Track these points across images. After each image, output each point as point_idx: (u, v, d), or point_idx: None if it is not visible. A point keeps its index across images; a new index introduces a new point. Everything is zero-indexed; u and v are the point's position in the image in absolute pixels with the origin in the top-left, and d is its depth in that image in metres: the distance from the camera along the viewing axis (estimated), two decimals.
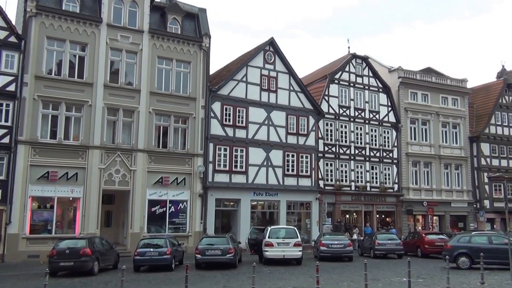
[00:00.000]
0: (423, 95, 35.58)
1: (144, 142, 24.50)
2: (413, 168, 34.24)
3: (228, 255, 18.29)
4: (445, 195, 35.10)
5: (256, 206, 28.39)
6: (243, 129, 27.61)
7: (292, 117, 29.34)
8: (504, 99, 38.39)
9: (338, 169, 31.17)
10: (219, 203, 26.71)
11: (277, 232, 20.65)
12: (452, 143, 36.17)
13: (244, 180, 27.29)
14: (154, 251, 17.74)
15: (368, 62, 33.79)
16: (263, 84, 28.58)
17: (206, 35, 27.03)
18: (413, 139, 34.63)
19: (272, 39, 29.25)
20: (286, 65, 29.51)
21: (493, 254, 17.73)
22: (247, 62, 28.32)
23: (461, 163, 36.14)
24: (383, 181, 32.70)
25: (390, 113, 33.68)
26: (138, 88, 24.73)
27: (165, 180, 24.85)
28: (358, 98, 32.73)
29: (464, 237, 20.13)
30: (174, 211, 25.17)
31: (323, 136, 30.78)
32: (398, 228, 32.05)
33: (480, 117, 37.92)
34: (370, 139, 32.72)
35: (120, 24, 24.74)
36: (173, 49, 26.08)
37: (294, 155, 29.10)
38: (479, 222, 35.59)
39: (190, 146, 25.88)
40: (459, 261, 18.67)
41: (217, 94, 26.94)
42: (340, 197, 30.91)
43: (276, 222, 27.59)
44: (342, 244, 22.27)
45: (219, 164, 26.69)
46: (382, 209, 33.05)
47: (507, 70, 46.98)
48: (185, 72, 26.44)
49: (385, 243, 23.99)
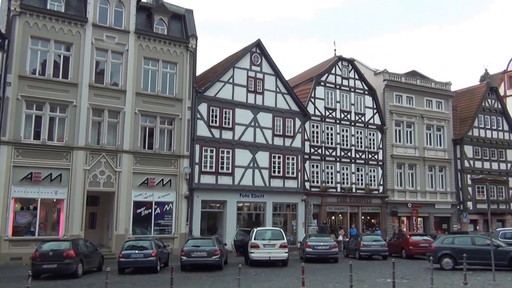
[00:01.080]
0: (408, 98, 35.93)
1: (130, 143, 24.32)
2: (398, 170, 34.55)
3: (214, 256, 18.25)
4: (429, 197, 35.48)
5: (242, 207, 28.37)
6: (229, 131, 27.58)
7: (279, 119, 29.41)
8: (487, 102, 38.96)
9: (324, 170, 31.31)
10: (205, 204, 26.63)
11: (263, 234, 20.68)
12: (436, 145, 36.58)
13: (230, 182, 27.26)
14: (139, 253, 17.62)
15: (354, 65, 34.03)
16: (249, 86, 28.59)
17: (192, 36, 26.96)
18: (398, 141, 34.94)
19: (259, 41, 29.29)
20: (272, 67, 29.57)
21: (476, 255, 17.96)
22: (233, 63, 28.31)
23: (445, 165, 36.58)
24: (368, 182, 32.94)
25: (375, 115, 33.95)
26: (123, 88, 24.56)
27: (151, 182, 24.70)
28: (344, 100, 32.93)
29: (448, 239, 20.41)
30: (159, 213, 25.02)
31: (309, 138, 30.90)
32: (383, 230, 32.30)
33: (464, 120, 38.42)
34: (355, 141, 32.94)
35: (106, 24, 24.54)
36: (159, 50, 25.96)
37: (281, 156, 29.16)
38: (462, 224, 36.04)
39: (176, 147, 25.76)
40: (443, 262, 18.89)
41: (203, 95, 26.87)
42: (326, 198, 31.05)
43: (262, 224, 27.60)
44: (327, 246, 22.38)
45: (205, 166, 26.62)
46: (367, 210, 33.28)
47: (490, 74, 47.86)
48: (171, 73, 26.33)
49: (370, 245, 24.16)
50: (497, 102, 39.72)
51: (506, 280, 15.32)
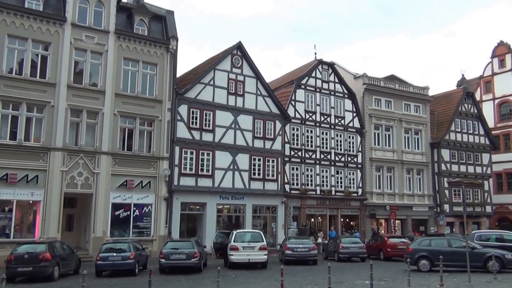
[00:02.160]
0: (386, 101, 36.38)
1: (109, 144, 24.04)
2: (376, 173, 34.94)
3: (193, 259, 18.17)
4: (407, 200, 35.96)
5: (222, 210, 28.30)
6: (209, 133, 27.51)
7: (259, 121, 29.45)
8: (463, 107, 39.71)
9: (304, 173, 31.47)
10: (185, 206, 26.49)
11: (243, 236, 20.67)
12: (414, 148, 37.12)
13: (210, 184, 27.18)
14: (117, 256, 17.43)
15: (334, 69, 34.31)
16: (230, 88, 28.58)
17: (173, 38, 26.83)
18: (377, 145, 35.35)
19: (240, 43, 29.30)
20: (253, 70, 29.62)
21: (452, 257, 18.27)
22: (214, 65, 28.26)
23: (423, 168, 37.13)
24: (347, 185, 33.22)
25: (355, 118, 34.28)
26: (103, 89, 24.27)
27: (130, 183, 24.45)
28: (324, 103, 33.17)
29: (425, 241, 20.73)
30: (138, 215, 24.78)
31: (289, 140, 31.03)
32: (361, 232, 32.60)
33: (441, 124, 39.08)
34: (335, 144, 33.20)
35: (85, 24, 24.23)
36: (139, 51, 25.75)
37: (261, 159, 29.20)
38: (439, 226, 36.63)
39: (156, 149, 25.57)
40: (420, 263, 19.18)
41: (184, 97, 26.75)
42: (306, 201, 31.20)
43: (242, 226, 27.58)
44: (307, 248, 22.49)
45: (185, 168, 26.48)
46: (347, 213, 33.55)
47: (466, 79, 48.85)
48: (151, 74, 26.14)
49: (349, 247, 24.36)
50: (473, 106, 40.52)
51: (481, 282, 15.62)
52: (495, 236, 22.54)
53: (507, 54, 45.29)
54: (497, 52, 46.19)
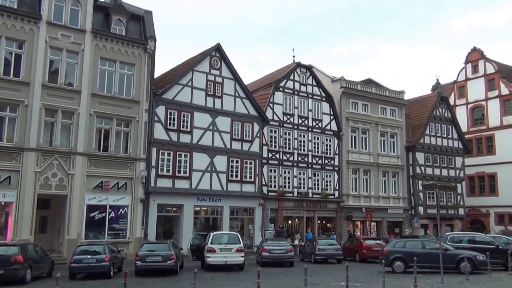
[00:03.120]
0: (363, 105, 36.83)
1: (84, 145, 23.68)
2: (353, 175, 35.30)
3: (169, 261, 18.05)
4: (383, 202, 36.44)
5: (199, 211, 28.17)
6: (187, 134, 27.37)
7: (237, 123, 29.45)
8: (437, 111, 40.48)
9: (282, 175, 31.58)
10: (162, 208, 26.28)
11: (220, 238, 20.64)
12: (390, 151, 37.66)
13: (187, 186, 27.03)
14: (91, 258, 17.17)
15: (312, 72, 34.56)
16: (208, 90, 28.50)
17: (151, 38, 26.61)
18: (354, 147, 35.73)
19: (219, 44, 29.26)
20: (232, 71, 29.61)
21: (425, 259, 18.60)
22: (192, 66, 28.15)
23: (398, 171, 37.69)
24: (324, 187, 33.47)
25: (332, 121, 34.59)
26: (78, 89, 23.90)
27: (105, 185, 24.13)
28: (302, 106, 33.38)
29: (399, 242, 21.06)
30: (114, 217, 24.46)
31: (267, 142, 31.11)
32: (338, 234, 32.89)
33: (416, 127, 39.74)
34: (312, 146, 33.43)
35: (61, 22, 23.84)
36: (116, 51, 25.46)
37: (239, 161, 29.19)
38: (413, 228, 37.22)
39: (133, 150, 25.31)
40: (394, 265, 19.47)
41: (161, 98, 26.56)
42: (283, 203, 31.31)
43: (219, 228, 27.52)
44: (283, 250, 22.58)
45: (162, 169, 26.28)
46: (323, 215, 33.80)
47: (441, 84, 49.89)
48: (128, 74, 25.87)
49: (325, 249, 24.56)
50: (447, 111, 41.36)
51: (454, 283, 15.95)
52: (467, 238, 23.02)
53: (479, 60, 46.41)
54: (470, 58, 47.29)
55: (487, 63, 45.88)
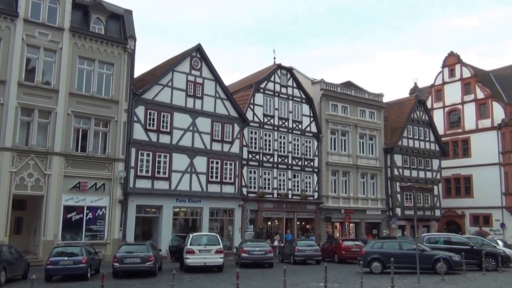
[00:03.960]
0: (343, 107, 37.15)
1: (61, 145, 23.30)
2: (332, 177, 35.56)
3: (148, 263, 17.89)
4: (361, 203, 36.80)
5: (178, 213, 27.99)
6: (167, 135, 27.19)
7: (218, 124, 29.39)
8: (415, 114, 41.09)
9: (261, 176, 31.62)
10: (140, 209, 26.03)
11: (199, 239, 20.54)
12: (369, 153, 38.06)
13: (166, 187, 26.84)
14: (68, 260, 16.88)
15: (293, 73, 34.70)
16: (189, 90, 28.37)
17: (131, 37, 26.36)
18: (333, 149, 36.00)
19: (199, 45, 29.16)
20: (212, 72, 29.53)
21: (403, 259, 18.89)
22: (173, 67, 27.98)
23: (376, 173, 38.12)
24: (304, 189, 33.62)
25: (312, 123, 34.79)
26: (56, 88, 23.52)
27: (83, 186, 23.79)
28: (282, 107, 33.49)
29: (377, 243, 21.32)
30: (91, 218, 24.13)
31: (247, 144, 31.11)
32: (317, 235, 33.08)
33: (394, 130, 40.27)
34: (292, 148, 33.56)
35: (39, 20, 23.43)
36: (95, 50, 25.15)
37: (219, 162, 29.12)
38: (391, 229, 37.68)
39: (111, 150, 25.01)
40: (372, 266, 19.70)
41: (141, 98, 26.32)
42: (263, 204, 31.35)
43: (199, 229, 27.40)
44: (263, 251, 22.61)
45: (141, 170, 26.05)
46: (303, 216, 33.95)
47: (419, 87, 50.67)
48: (107, 74, 25.57)
49: (305, 250, 24.69)
50: (425, 114, 42.01)
51: (430, 283, 16.23)
52: (443, 239, 23.45)
53: (456, 65, 47.35)
54: (448, 62, 48.20)
55: (463, 68, 46.86)
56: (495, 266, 20.84)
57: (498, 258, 20.93)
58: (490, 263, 20.91)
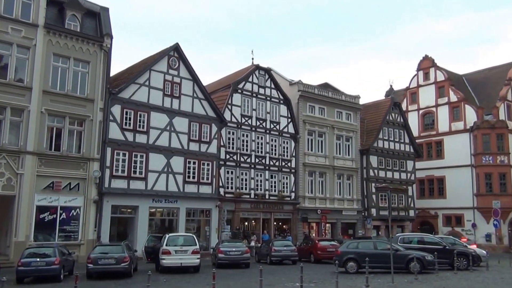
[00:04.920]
0: (320, 108, 37.42)
1: (34, 144, 22.81)
2: (309, 177, 35.79)
3: (123, 264, 17.68)
4: (337, 204, 37.13)
5: (154, 213, 27.74)
6: (143, 134, 26.92)
7: (195, 124, 29.24)
8: (391, 116, 41.69)
9: (239, 177, 31.60)
10: (116, 210, 25.69)
11: (175, 240, 20.43)
12: (345, 154, 38.44)
13: (143, 187, 26.57)
14: (40, 261, 16.53)
15: (271, 74, 34.80)
16: (166, 90, 28.15)
17: (107, 35, 26.01)
18: (310, 150, 36.24)
19: (177, 44, 28.97)
20: (190, 72, 29.38)
21: (377, 259, 19.13)
22: (150, 66, 27.72)
23: (352, 173, 38.53)
24: (281, 189, 33.74)
25: (289, 124, 34.94)
26: (29, 85, 23.01)
27: (57, 185, 23.33)
28: (260, 108, 33.53)
29: (353, 243, 21.56)
30: (65, 218, 23.68)
31: (225, 144, 31.05)
32: (293, 235, 33.24)
33: (370, 131, 40.77)
34: (270, 148, 33.64)
35: (12, 15, 22.88)
36: (70, 47, 24.71)
37: (196, 162, 28.98)
38: (366, 229, 38.15)
39: (86, 149, 24.61)
40: (348, 265, 19.90)
41: (117, 97, 25.99)
42: (240, 204, 31.34)
43: (175, 230, 27.20)
44: (239, 251, 22.60)
45: (117, 170, 25.72)
46: (280, 216, 34.07)
47: (394, 90, 51.50)
48: (83, 72, 25.15)
49: (281, 250, 24.79)
50: (400, 116, 42.66)
51: (403, 282, 16.50)
52: (417, 239, 23.87)
53: (431, 68, 48.28)
54: (422, 66, 49.10)
55: (437, 71, 47.82)
56: (467, 265, 21.35)
57: (469, 258, 21.45)
58: (462, 263, 21.41)
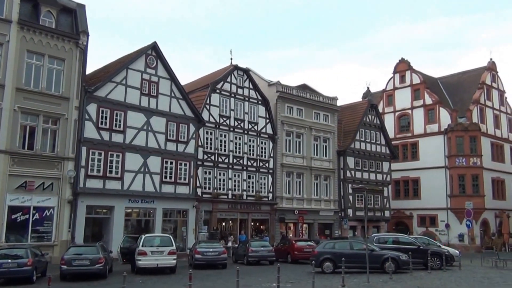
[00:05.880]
0: (298, 109, 37.59)
1: (6, 142, 22.23)
2: (286, 178, 35.90)
3: (98, 265, 17.40)
4: (314, 204, 37.36)
5: (130, 213, 27.39)
6: (120, 134, 26.56)
7: (173, 123, 29.01)
8: (367, 118, 42.18)
9: (216, 177, 31.48)
10: (91, 210, 25.27)
11: (152, 241, 20.24)
12: (322, 155, 38.71)
13: (119, 187, 26.21)
14: (12, 263, 16.14)
15: (249, 75, 34.78)
16: (143, 89, 27.85)
17: (83, 33, 25.57)
18: (288, 151, 36.36)
19: (155, 43, 28.70)
20: (168, 71, 29.14)
21: (353, 259, 19.32)
22: (127, 64, 27.38)
23: (330, 174, 38.82)
24: (258, 190, 33.75)
25: (267, 125, 34.99)
26: (2, 83, 22.42)
27: (30, 185, 22.80)
28: (238, 108, 33.49)
29: (329, 244, 21.73)
30: (38, 219, 23.16)
31: (202, 144, 30.90)
32: (271, 236, 33.30)
33: (347, 133, 41.16)
34: (248, 149, 33.63)
35: None
36: (45, 44, 24.20)
37: (173, 162, 28.75)
38: (343, 230, 38.49)
39: (61, 149, 24.14)
40: (324, 266, 20.06)
41: (93, 95, 25.59)
42: (217, 205, 31.22)
43: (152, 230, 26.91)
44: (216, 252, 22.53)
45: (92, 169, 25.31)
46: (257, 217, 34.08)
47: (371, 92, 52.16)
48: (58, 69, 24.67)
49: (258, 250, 24.80)
50: (377, 118, 43.19)
51: (378, 282, 16.71)
52: (392, 239, 24.23)
53: (407, 71, 49.09)
54: (398, 69, 49.88)
55: (413, 74, 48.65)
56: (440, 265, 21.77)
57: (442, 257, 21.87)
58: (435, 262, 21.83)
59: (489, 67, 49.38)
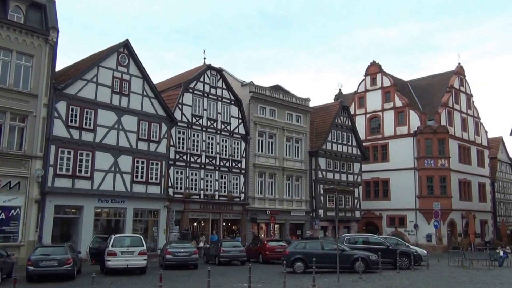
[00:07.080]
0: (271, 110, 37.75)
1: None
2: (259, 178, 35.99)
3: (66, 265, 17.05)
4: (286, 205, 37.58)
5: (100, 213, 26.95)
6: (90, 132, 26.11)
7: (144, 122, 28.70)
8: (339, 119, 42.68)
9: (188, 177, 31.31)
10: (59, 210, 24.75)
11: (122, 241, 19.98)
12: (295, 156, 38.98)
13: (88, 186, 25.75)
14: None
15: (222, 75, 34.72)
16: (115, 87, 27.44)
17: (53, 29, 25.03)
18: (260, 151, 36.47)
19: (127, 41, 28.34)
20: (140, 69, 28.81)
21: (324, 259, 19.58)
22: (98, 62, 26.94)
23: (301, 175, 39.12)
24: (231, 190, 33.72)
25: (240, 125, 35.01)
26: None
27: None
28: (211, 108, 33.39)
29: (300, 244, 21.91)
30: (4, 219, 22.53)
31: (175, 144, 30.68)
32: (243, 236, 33.32)
33: (319, 134, 41.55)
34: (220, 149, 33.56)
35: None
36: (13, 40, 23.57)
37: (144, 161, 28.44)
38: (314, 230, 38.85)
39: (28, 147, 23.55)
40: (295, 266, 20.21)
41: (62, 92, 25.07)
42: (189, 205, 31.05)
43: (122, 231, 26.55)
44: (188, 252, 22.44)
45: (61, 168, 24.80)
46: (229, 217, 34.05)
47: (343, 94, 52.83)
48: (26, 65, 24.07)
49: (230, 250, 24.81)
50: (348, 119, 43.76)
51: (348, 281, 16.96)
52: (362, 239, 24.61)
53: (378, 74, 49.91)
54: (370, 71, 50.68)
55: (384, 77, 49.50)
56: (408, 265, 22.22)
57: (411, 257, 22.33)
58: (404, 262, 22.26)
59: (457, 71, 50.69)
